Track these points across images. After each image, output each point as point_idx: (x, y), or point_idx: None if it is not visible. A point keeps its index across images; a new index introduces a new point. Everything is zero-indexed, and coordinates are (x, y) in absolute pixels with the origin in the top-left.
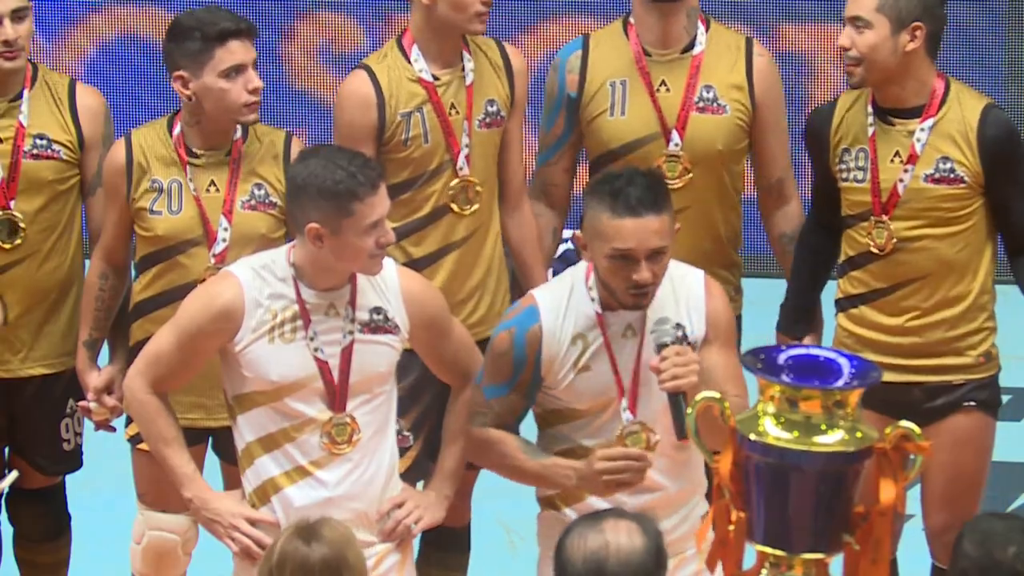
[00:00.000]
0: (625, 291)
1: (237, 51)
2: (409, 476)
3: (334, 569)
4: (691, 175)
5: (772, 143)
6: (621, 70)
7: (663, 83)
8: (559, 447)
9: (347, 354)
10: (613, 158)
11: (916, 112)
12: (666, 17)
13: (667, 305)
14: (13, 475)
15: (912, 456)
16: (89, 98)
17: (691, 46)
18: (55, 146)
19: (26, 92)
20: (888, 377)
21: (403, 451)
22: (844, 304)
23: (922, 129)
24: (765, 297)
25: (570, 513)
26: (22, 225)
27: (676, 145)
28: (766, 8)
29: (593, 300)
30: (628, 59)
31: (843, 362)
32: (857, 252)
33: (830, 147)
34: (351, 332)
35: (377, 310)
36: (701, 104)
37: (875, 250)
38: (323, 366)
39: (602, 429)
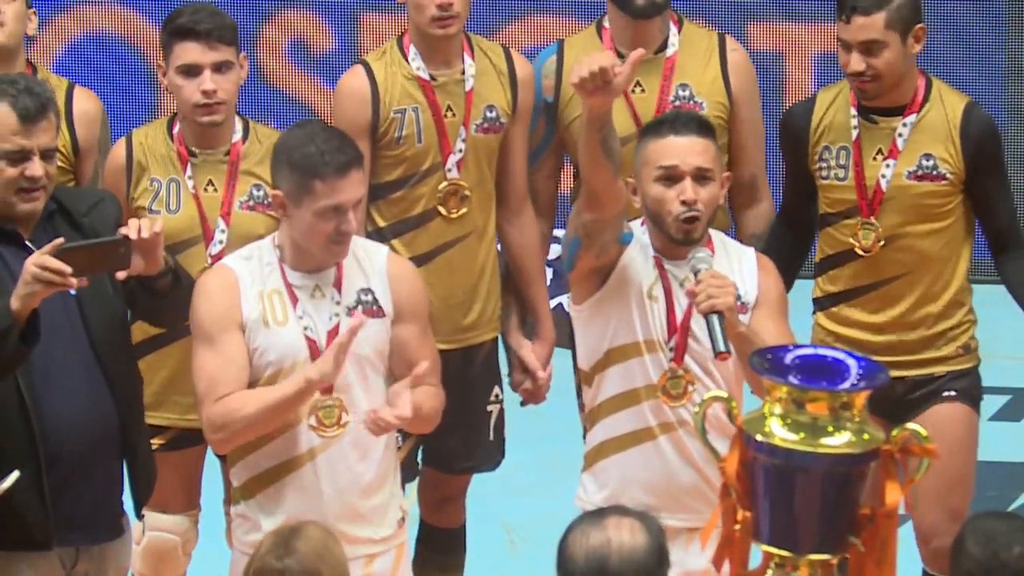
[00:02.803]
0: (674, 220)
1: (191, 51)
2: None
3: None
4: None
5: (746, 138)
6: None
7: (638, 84)
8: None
9: (334, 336)
10: None
11: (899, 110)
12: (639, 22)
13: (722, 267)
14: (14, 475)
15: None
16: (86, 103)
17: (664, 47)
18: None
19: None
20: None
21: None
22: (824, 303)
23: (904, 125)
24: None
25: None
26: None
27: None
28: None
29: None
30: None
31: (851, 363)
32: (836, 250)
33: (808, 144)
34: (337, 314)
35: (366, 291)
36: (677, 103)
37: (859, 251)
38: (312, 344)
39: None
